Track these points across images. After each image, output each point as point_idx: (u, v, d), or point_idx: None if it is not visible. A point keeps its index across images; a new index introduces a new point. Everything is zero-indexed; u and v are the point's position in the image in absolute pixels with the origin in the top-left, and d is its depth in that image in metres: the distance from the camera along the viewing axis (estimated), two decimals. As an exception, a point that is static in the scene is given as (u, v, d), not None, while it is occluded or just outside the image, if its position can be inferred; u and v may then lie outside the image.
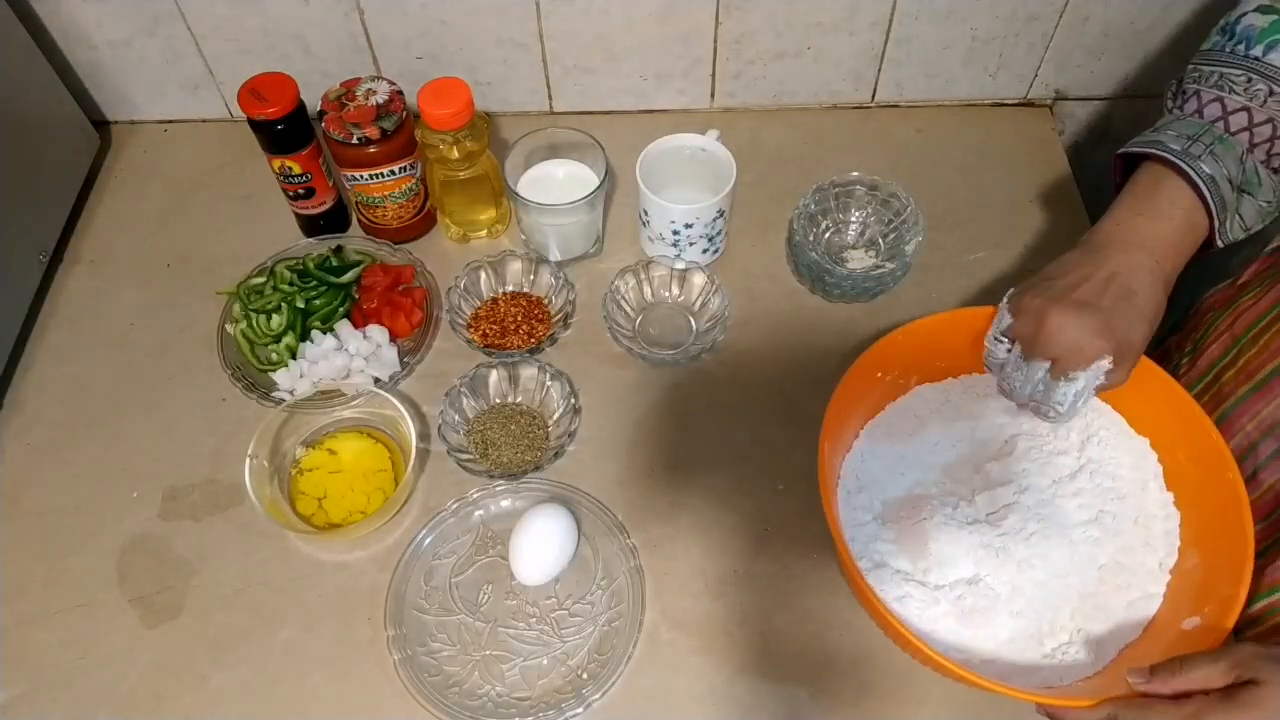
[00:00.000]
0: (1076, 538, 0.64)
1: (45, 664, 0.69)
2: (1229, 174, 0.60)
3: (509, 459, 0.76)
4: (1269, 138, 0.61)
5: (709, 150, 0.84)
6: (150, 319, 0.86)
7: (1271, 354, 0.69)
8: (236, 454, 0.73)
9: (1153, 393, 0.66)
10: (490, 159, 0.85)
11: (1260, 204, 0.62)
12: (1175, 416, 0.65)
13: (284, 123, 0.79)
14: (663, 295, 0.86)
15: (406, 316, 0.82)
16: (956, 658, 0.60)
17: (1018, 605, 0.62)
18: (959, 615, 0.62)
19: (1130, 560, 0.64)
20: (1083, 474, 0.67)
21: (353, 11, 0.89)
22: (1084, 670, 0.61)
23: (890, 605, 0.62)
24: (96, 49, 0.92)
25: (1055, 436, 0.69)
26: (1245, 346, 0.72)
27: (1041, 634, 0.62)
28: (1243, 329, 0.73)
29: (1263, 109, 0.61)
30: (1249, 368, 0.70)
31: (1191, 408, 0.64)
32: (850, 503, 0.68)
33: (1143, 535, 0.65)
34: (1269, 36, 0.60)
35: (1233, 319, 0.74)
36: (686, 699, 0.67)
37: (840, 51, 0.93)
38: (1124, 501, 0.66)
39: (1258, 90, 0.61)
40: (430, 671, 0.67)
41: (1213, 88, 0.63)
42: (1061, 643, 0.62)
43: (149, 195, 0.95)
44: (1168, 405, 0.66)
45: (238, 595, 0.71)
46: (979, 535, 0.64)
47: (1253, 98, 0.61)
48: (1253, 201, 0.62)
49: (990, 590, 0.63)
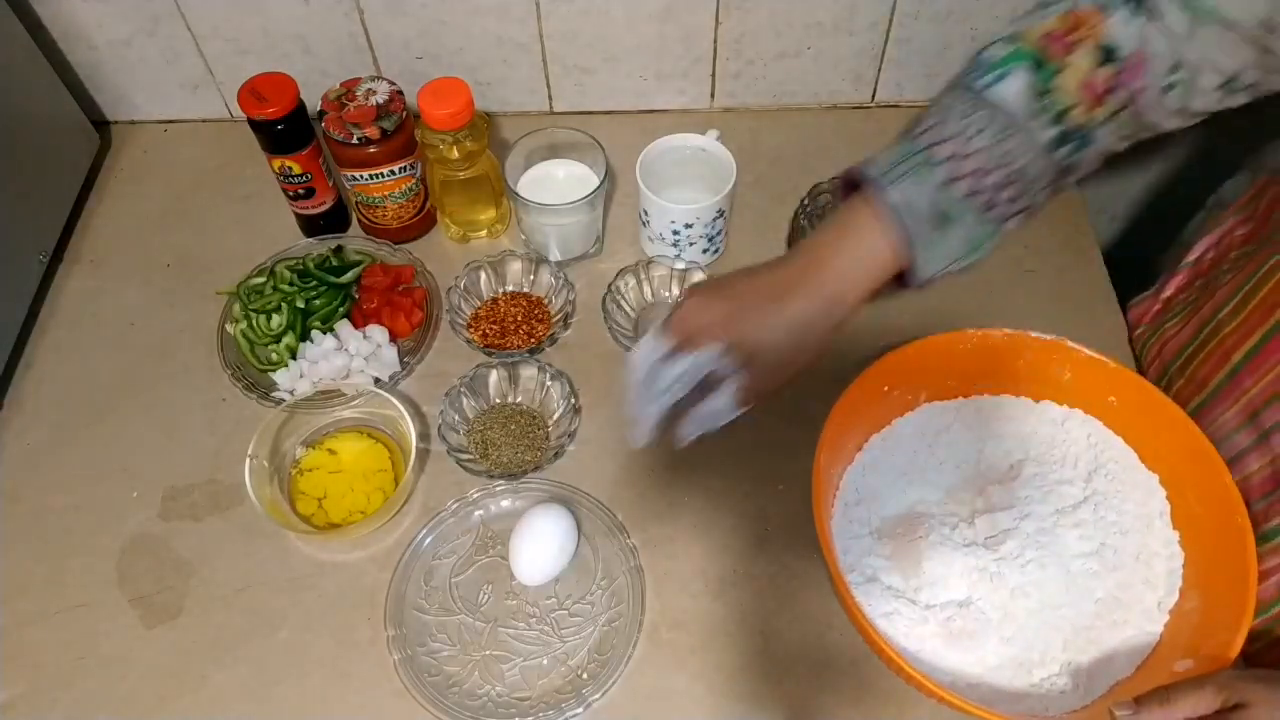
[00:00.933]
0: (1075, 569, 0.64)
1: (45, 664, 0.69)
2: (919, 204, 0.56)
3: (509, 459, 0.76)
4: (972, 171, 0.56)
5: (709, 150, 0.85)
6: (150, 319, 0.86)
7: (1197, 386, 0.70)
8: (236, 454, 0.73)
9: (1166, 428, 0.65)
10: (490, 159, 0.85)
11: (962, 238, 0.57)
12: (1187, 454, 0.64)
13: (284, 123, 0.79)
14: (663, 295, 0.86)
15: (406, 316, 0.82)
16: (941, 679, 0.59)
17: (1008, 632, 0.62)
18: (947, 637, 0.62)
19: (1128, 596, 0.63)
20: (1086, 505, 0.66)
21: (353, 11, 0.89)
22: (1071, 703, 0.61)
23: (875, 621, 0.61)
24: (96, 49, 0.92)
25: (1063, 465, 0.69)
26: (1174, 376, 0.73)
27: (1031, 663, 0.61)
28: (1170, 356, 0.74)
29: (973, 141, 0.56)
30: (1180, 398, 0.71)
31: (1204, 446, 0.63)
32: (848, 515, 0.68)
33: (1143, 572, 0.64)
34: (1000, 68, 0.56)
35: (1160, 345, 0.75)
36: (686, 699, 0.67)
37: (840, 51, 0.93)
38: (1126, 536, 0.65)
39: (970, 123, 0.56)
40: (430, 671, 0.67)
41: (934, 114, 0.58)
42: (1051, 673, 0.61)
43: (149, 195, 0.95)
44: (1181, 442, 0.65)
45: (238, 595, 0.71)
46: (975, 558, 0.64)
47: (966, 128, 0.56)
48: (954, 236, 0.57)
49: (981, 614, 0.62)
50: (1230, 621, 0.58)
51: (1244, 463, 0.65)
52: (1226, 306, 0.69)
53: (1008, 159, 0.56)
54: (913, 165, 0.56)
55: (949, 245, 0.57)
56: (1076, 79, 0.55)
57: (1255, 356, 0.65)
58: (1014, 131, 0.55)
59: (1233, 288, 0.69)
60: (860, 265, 0.57)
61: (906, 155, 0.57)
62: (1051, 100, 0.55)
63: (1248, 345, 0.66)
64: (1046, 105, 0.55)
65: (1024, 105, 0.55)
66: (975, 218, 0.57)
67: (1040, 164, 0.56)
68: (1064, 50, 0.55)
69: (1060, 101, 0.55)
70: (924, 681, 0.55)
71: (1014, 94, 0.55)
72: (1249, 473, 0.65)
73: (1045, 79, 0.55)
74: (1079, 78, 0.55)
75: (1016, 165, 0.56)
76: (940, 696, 0.55)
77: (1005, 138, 0.56)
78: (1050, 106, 0.55)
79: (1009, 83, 0.56)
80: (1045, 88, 0.55)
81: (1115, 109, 0.55)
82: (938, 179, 0.56)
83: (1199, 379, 0.71)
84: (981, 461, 0.70)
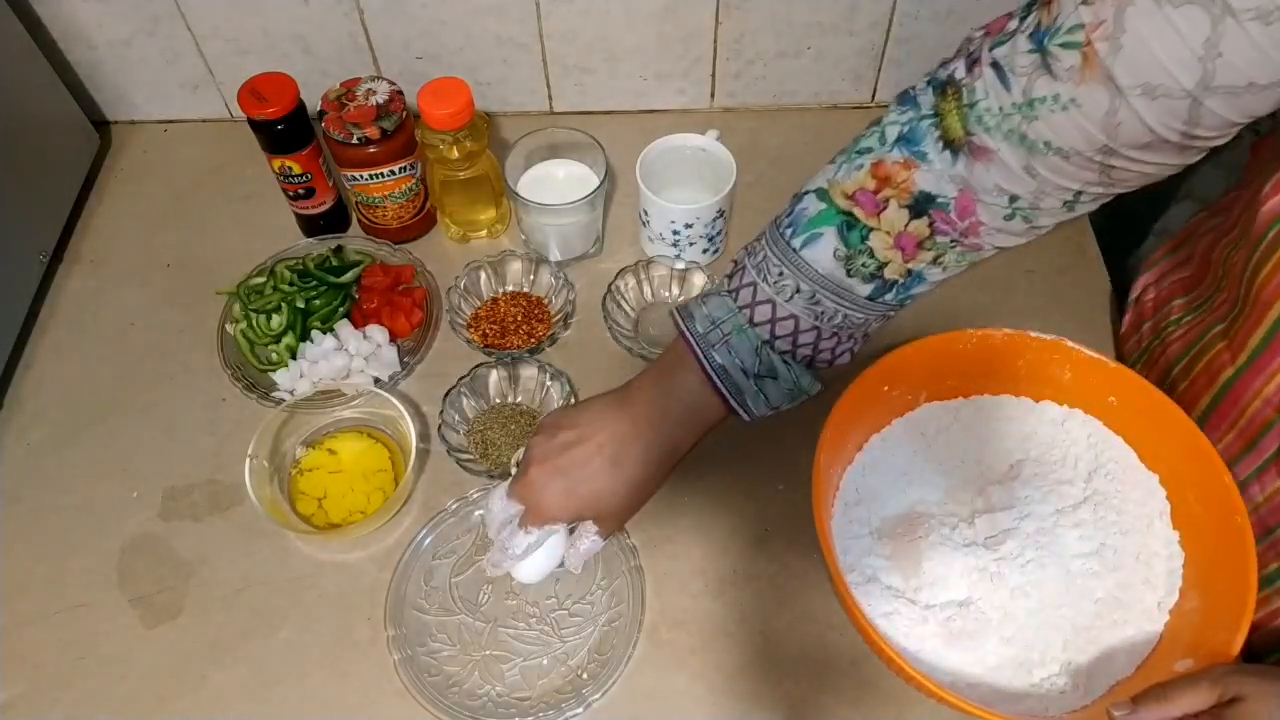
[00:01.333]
0: (1075, 569, 0.64)
1: (45, 664, 0.69)
2: (743, 365, 0.58)
3: (509, 459, 0.76)
4: (791, 332, 0.57)
5: (709, 150, 0.85)
6: (150, 319, 0.86)
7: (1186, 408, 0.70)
8: (236, 454, 0.73)
9: (1166, 428, 0.65)
10: (490, 159, 0.85)
11: (785, 388, 0.60)
12: (1187, 454, 0.64)
13: (284, 123, 0.79)
14: (663, 295, 0.86)
15: (406, 316, 0.82)
16: (941, 679, 0.59)
17: (1008, 632, 0.62)
18: (947, 637, 0.62)
19: (1128, 596, 0.63)
20: (1087, 505, 0.66)
21: (353, 11, 0.89)
22: (1071, 703, 0.60)
23: (875, 621, 0.61)
24: (96, 49, 0.92)
25: (1063, 465, 0.69)
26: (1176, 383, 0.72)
27: (1031, 663, 0.61)
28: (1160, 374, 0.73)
29: (788, 303, 0.56)
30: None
31: (1204, 446, 0.63)
32: (848, 515, 0.68)
33: (1143, 572, 0.64)
34: (811, 228, 0.55)
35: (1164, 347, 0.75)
36: (686, 699, 0.67)
37: (840, 51, 0.93)
38: (1127, 536, 0.65)
39: (785, 285, 0.56)
40: (430, 671, 0.67)
41: (755, 268, 0.58)
42: (1051, 673, 0.61)
43: (149, 195, 0.95)
44: (1181, 442, 0.65)
45: (238, 595, 0.71)
46: (975, 558, 0.63)
47: (780, 290, 0.56)
48: (776, 385, 0.59)
49: (981, 614, 0.62)
50: (1230, 621, 0.57)
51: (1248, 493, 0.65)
52: (1178, 365, 0.70)
53: (823, 318, 0.57)
54: (733, 326, 0.58)
55: (774, 393, 0.60)
56: (889, 238, 0.54)
57: (1210, 417, 0.66)
58: (828, 291, 0.56)
59: (1181, 347, 0.70)
60: (694, 418, 0.61)
61: (728, 314, 0.59)
62: (866, 260, 0.55)
63: (1201, 405, 0.67)
64: (860, 266, 0.55)
65: (837, 267, 0.55)
66: (797, 369, 0.59)
67: (861, 313, 0.57)
68: (874, 209, 0.54)
69: (875, 260, 0.55)
70: (924, 682, 0.55)
71: (826, 257, 0.55)
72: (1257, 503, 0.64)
73: (857, 240, 0.54)
74: (891, 237, 0.54)
75: (835, 321, 0.57)
76: (941, 697, 0.55)
77: (819, 299, 0.56)
78: (865, 266, 0.55)
79: (820, 246, 0.55)
80: (858, 249, 0.55)
81: (940, 251, 0.55)
82: (756, 340, 0.58)
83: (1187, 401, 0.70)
84: (981, 461, 0.70)
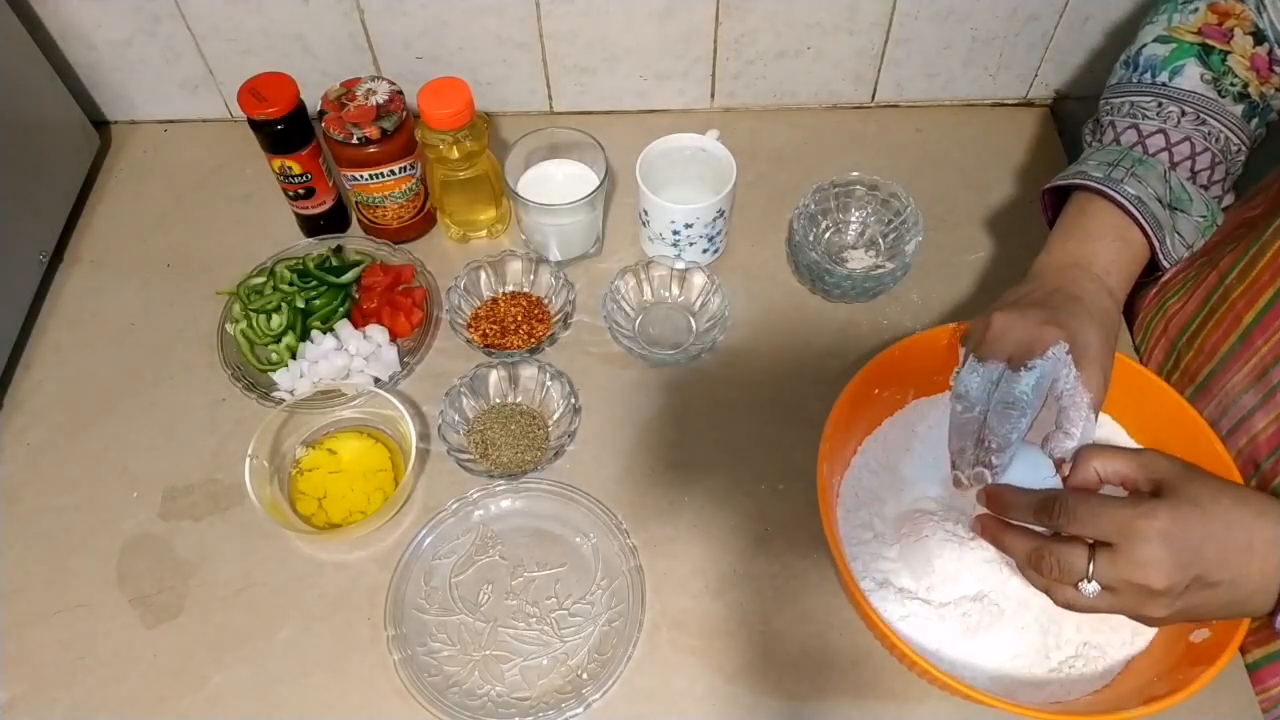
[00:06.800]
0: None
1: (45, 664, 0.69)
2: (1156, 193, 0.62)
3: (509, 459, 0.76)
4: (1189, 155, 0.64)
5: (709, 150, 0.84)
6: (150, 319, 0.86)
7: (1206, 356, 0.70)
8: (236, 454, 0.73)
9: (1154, 405, 0.66)
10: (490, 159, 0.85)
11: (1195, 219, 0.64)
12: (1178, 429, 0.65)
13: (284, 123, 0.79)
14: (663, 295, 0.86)
15: (406, 316, 0.82)
16: (964, 675, 0.60)
17: (1023, 620, 0.62)
18: (964, 632, 0.62)
19: None
20: None
21: (353, 11, 0.89)
22: (1092, 684, 0.61)
23: (895, 626, 0.61)
24: (96, 49, 0.92)
25: None
26: (1182, 350, 0.73)
27: (1048, 648, 0.62)
28: (1176, 332, 0.74)
29: (1178, 129, 0.64)
30: (1190, 370, 0.72)
31: (1200, 428, 0.64)
32: (849, 520, 0.68)
33: None
34: (1172, 63, 0.65)
35: (1165, 323, 0.76)
36: (686, 699, 0.67)
37: (840, 51, 0.93)
38: None
39: (1170, 112, 0.64)
40: (430, 671, 0.67)
41: (1126, 116, 0.66)
42: (1068, 656, 0.62)
43: (149, 195, 0.95)
44: (1170, 418, 0.65)
45: (238, 595, 0.71)
46: (982, 550, 0.63)
47: (1165, 119, 0.64)
48: (1188, 219, 0.63)
49: (995, 606, 0.62)
50: None
51: (1251, 422, 0.65)
52: (1233, 272, 0.70)
53: (1212, 137, 0.64)
54: (1132, 163, 0.63)
55: (1187, 228, 0.63)
56: (1244, 60, 0.64)
57: (1266, 315, 0.65)
58: (1210, 113, 0.64)
59: (1236, 255, 0.70)
60: (1123, 257, 0.62)
61: (1118, 158, 0.64)
62: (1231, 80, 0.64)
63: (1259, 304, 0.66)
64: (1229, 85, 0.64)
65: (1208, 88, 0.64)
66: (1200, 198, 0.64)
67: (1239, 136, 0.64)
68: (1223, 38, 0.64)
69: (1238, 81, 0.64)
70: (958, 685, 0.55)
71: (1196, 82, 0.64)
72: (1256, 431, 0.65)
73: (1218, 63, 0.64)
74: (1245, 59, 0.64)
75: (1221, 142, 0.64)
76: (971, 696, 0.55)
77: (1204, 120, 0.64)
78: (1232, 85, 0.64)
79: (1186, 74, 0.64)
80: (1220, 71, 0.64)
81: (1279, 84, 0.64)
82: (1159, 169, 0.63)
83: (1208, 348, 0.70)
84: None
